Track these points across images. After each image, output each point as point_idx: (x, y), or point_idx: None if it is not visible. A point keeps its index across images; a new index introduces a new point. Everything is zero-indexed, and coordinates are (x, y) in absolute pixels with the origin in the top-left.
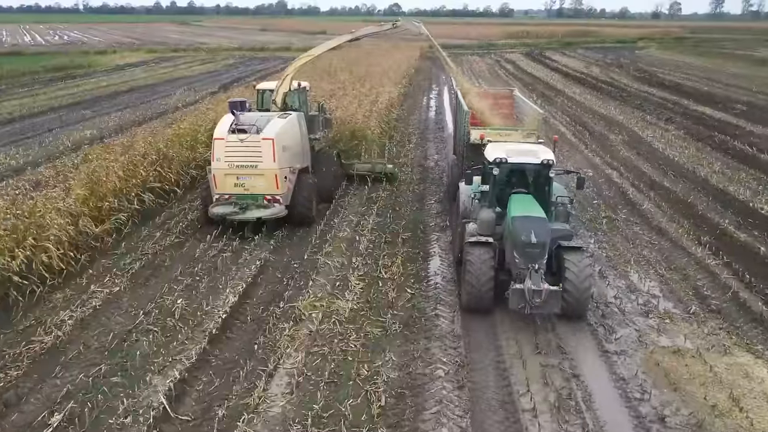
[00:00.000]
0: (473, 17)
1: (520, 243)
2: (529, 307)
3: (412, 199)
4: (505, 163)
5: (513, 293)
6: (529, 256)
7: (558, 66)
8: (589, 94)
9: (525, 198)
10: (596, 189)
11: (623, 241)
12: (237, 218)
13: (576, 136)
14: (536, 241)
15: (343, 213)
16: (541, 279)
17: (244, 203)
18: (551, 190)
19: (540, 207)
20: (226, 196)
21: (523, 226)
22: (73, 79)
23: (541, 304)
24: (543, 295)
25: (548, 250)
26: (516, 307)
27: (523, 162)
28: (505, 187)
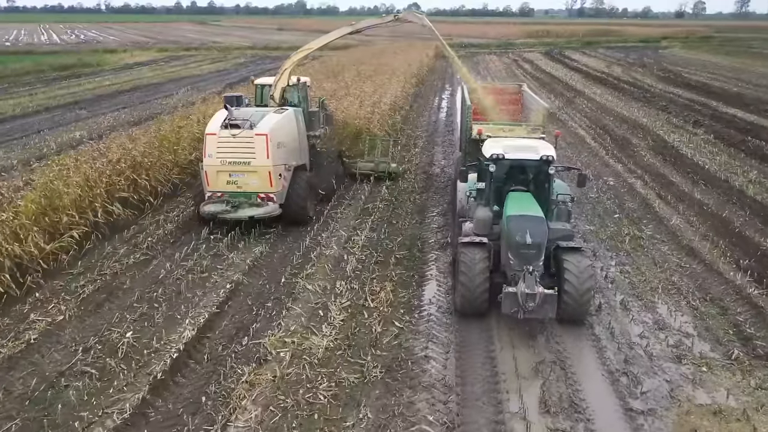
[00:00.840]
0: (493, 17)
1: (514, 243)
2: (522, 312)
3: (412, 211)
4: (503, 159)
5: (505, 297)
6: (523, 257)
7: (578, 65)
8: (610, 95)
9: (523, 196)
10: (618, 200)
11: (649, 264)
12: (228, 217)
13: (596, 140)
14: (531, 241)
15: (333, 226)
16: (536, 282)
17: (236, 201)
18: (552, 188)
19: (538, 205)
20: (218, 193)
21: (518, 226)
22: (78, 78)
23: (535, 308)
24: (537, 298)
25: (547, 251)
26: (509, 311)
27: (522, 158)
28: (503, 185)
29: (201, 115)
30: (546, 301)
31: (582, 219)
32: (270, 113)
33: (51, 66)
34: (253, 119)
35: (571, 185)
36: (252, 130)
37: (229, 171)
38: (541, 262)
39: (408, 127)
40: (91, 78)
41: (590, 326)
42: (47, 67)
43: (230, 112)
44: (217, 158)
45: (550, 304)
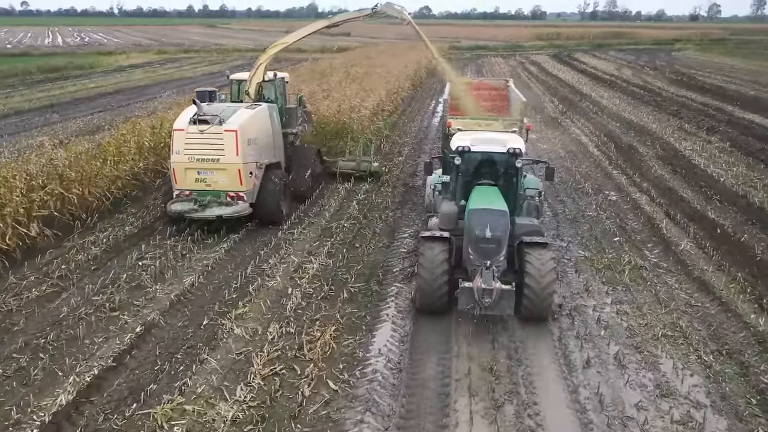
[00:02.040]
0: (504, 19)
1: (473, 237)
2: (479, 308)
3: (381, 231)
4: (468, 151)
5: (462, 292)
6: (483, 251)
7: (586, 68)
8: (618, 99)
9: (489, 190)
10: (619, 219)
11: (652, 303)
12: (195, 216)
13: (599, 149)
14: (491, 235)
15: (285, 251)
16: (493, 277)
17: (204, 200)
18: (520, 182)
19: (502, 200)
20: (186, 192)
21: (479, 220)
22: (65, 80)
23: (491, 304)
24: (494, 294)
25: (511, 247)
26: (465, 307)
27: (488, 151)
28: (471, 179)
29: (160, 121)
30: (503, 296)
31: (576, 242)
32: (241, 109)
33: (40, 68)
34: (223, 115)
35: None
36: (221, 126)
37: (198, 168)
38: (501, 257)
39: (396, 133)
40: (78, 80)
41: (575, 389)
42: (36, 69)
43: (199, 107)
44: (185, 155)
45: (507, 300)
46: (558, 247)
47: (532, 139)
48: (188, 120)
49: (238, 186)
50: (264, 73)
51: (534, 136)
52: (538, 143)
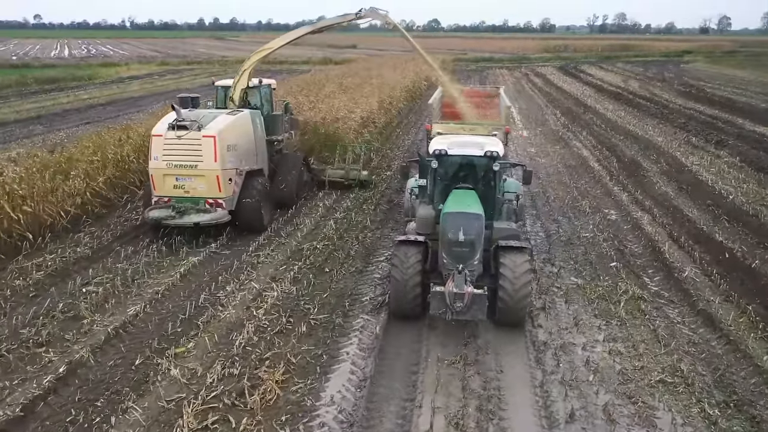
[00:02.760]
0: (513, 32)
1: (447, 241)
2: (450, 313)
3: (356, 254)
4: (445, 155)
5: (433, 296)
6: (456, 255)
7: (592, 80)
8: (623, 111)
9: (465, 194)
10: (618, 241)
11: (650, 341)
12: (172, 223)
13: (601, 163)
14: (464, 239)
15: (248, 275)
16: (465, 281)
17: (182, 207)
18: (498, 186)
19: (479, 203)
20: (165, 198)
21: (453, 223)
22: (60, 91)
23: (463, 309)
24: (465, 298)
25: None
26: (437, 312)
27: (465, 154)
28: (450, 183)
29: (127, 133)
30: (475, 301)
31: (568, 268)
32: (222, 115)
33: (36, 79)
34: (202, 120)
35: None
36: (199, 132)
37: (176, 174)
38: (475, 261)
39: (387, 146)
40: (73, 91)
41: None
42: (32, 80)
43: (178, 113)
44: (163, 161)
45: (479, 305)
46: (548, 274)
47: (530, 153)
48: (167, 125)
49: (216, 193)
50: (248, 79)
51: (533, 150)
52: (537, 158)
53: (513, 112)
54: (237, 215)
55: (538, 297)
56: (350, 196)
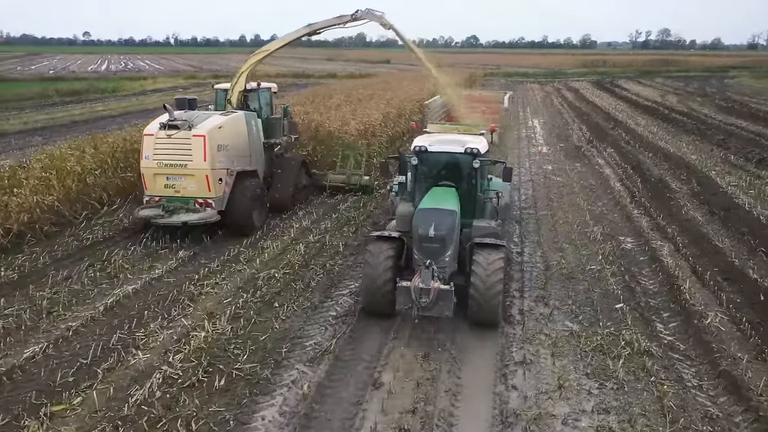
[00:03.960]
0: (552, 48)
1: (417, 236)
2: (416, 309)
3: (317, 286)
4: (425, 152)
5: (399, 292)
6: (426, 251)
7: (627, 95)
8: (657, 127)
9: (445, 191)
10: (629, 276)
11: (653, 412)
12: (161, 222)
13: (623, 183)
14: (434, 234)
15: (182, 309)
16: (432, 276)
17: (172, 206)
18: (479, 183)
19: (455, 200)
20: (156, 198)
21: (424, 219)
22: (79, 102)
23: (429, 305)
24: (431, 294)
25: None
26: (403, 307)
27: (445, 151)
28: (432, 181)
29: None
30: (441, 297)
31: (564, 309)
32: (215, 115)
33: (58, 91)
34: (194, 120)
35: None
36: (190, 131)
37: (167, 174)
38: (446, 257)
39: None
40: (91, 103)
41: None
42: (54, 92)
43: (170, 113)
44: (154, 160)
45: (445, 301)
46: (538, 316)
47: (546, 170)
48: (158, 125)
49: (206, 192)
50: (246, 81)
51: (549, 168)
52: (552, 176)
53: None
54: (226, 216)
55: (519, 347)
56: (332, 216)
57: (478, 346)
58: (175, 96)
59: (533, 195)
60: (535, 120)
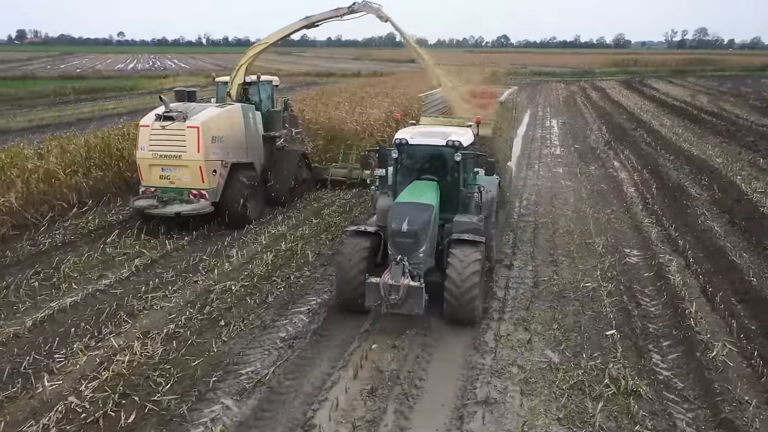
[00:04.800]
0: (584, 48)
1: (391, 231)
2: (385, 306)
3: (274, 302)
4: (406, 144)
5: (368, 288)
6: (399, 246)
7: (655, 94)
8: (682, 128)
9: (425, 185)
10: (628, 297)
11: None
12: (155, 212)
13: (637, 188)
14: (407, 229)
15: (116, 326)
16: (403, 273)
17: (166, 197)
18: (462, 177)
19: (433, 195)
20: (152, 188)
21: (399, 213)
22: (93, 101)
23: (398, 302)
24: (401, 291)
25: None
26: (372, 304)
27: (425, 143)
28: (414, 174)
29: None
30: (411, 294)
31: (547, 336)
32: (211, 107)
33: (76, 89)
34: (190, 112)
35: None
36: (184, 122)
37: (161, 165)
38: (420, 253)
39: None
40: (104, 101)
41: None
42: (71, 90)
43: (166, 104)
44: (149, 151)
45: (415, 299)
46: (515, 343)
47: (556, 174)
48: (154, 116)
49: (200, 184)
50: (245, 74)
51: (560, 171)
52: (561, 179)
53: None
54: (220, 207)
55: (486, 381)
56: (313, 221)
57: (438, 378)
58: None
59: (536, 200)
60: (554, 120)
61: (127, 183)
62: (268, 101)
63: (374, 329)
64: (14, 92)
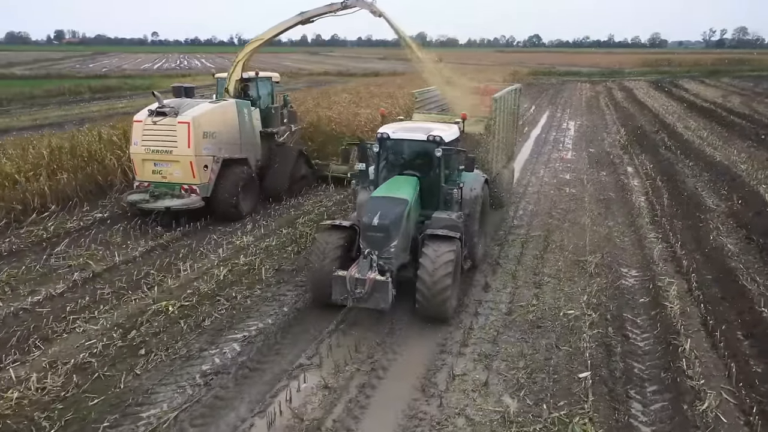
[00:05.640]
0: (618, 47)
1: (362, 225)
2: (351, 299)
3: (210, 326)
4: (387, 139)
5: (334, 281)
6: (370, 240)
7: (685, 95)
8: (708, 131)
9: (405, 180)
10: (614, 328)
11: None
12: (146, 207)
13: (648, 198)
14: (378, 223)
15: (21, 354)
16: (371, 267)
17: (158, 192)
18: (443, 173)
19: (409, 190)
20: (145, 183)
21: (371, 207)
22: (106, 99)
23: (364, 296)
24: (366, 285)
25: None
26: (339, 297)
27: (406, 138)
28: (398, 169)
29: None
30: (377, 288)
31: (509, 378)
32: (204, 103)
33: (91, 88)
34: (182, 108)
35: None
36: (175, 118)
37: (154, 160)
38: (392, 248)
39: None
40: (116, 100)
41: None
42: (87, 89)
43: (159, 100)
44: (142, 146)
45: (381, 293)
46: (469, 385)
47: (562, 180)
48: (147, 112)
49: (191, 179)
50: (242, 70)
51: (567, 177)
52: (566, 187)
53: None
54: (212, 203)
55: None
56: (283, 232)
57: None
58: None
59: (533, 210)
60: (572, 122)
61: (99, 186)
62: (268, 97)
63: (310, 364)
64: (29, 90)
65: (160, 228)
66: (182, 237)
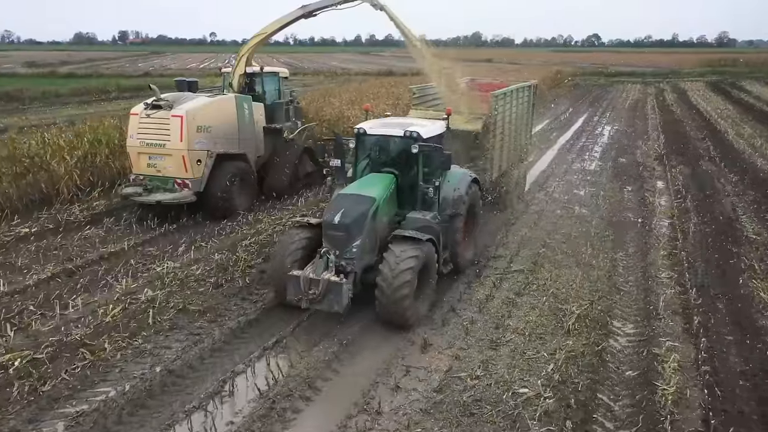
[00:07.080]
0: (681, 47)
1: (323, 223)
2: (305, 301)
3: (11, 420)
4: (364, 134)
5: (288, 281)
6: (331, 239)
7: (745, 97)
8: (764, 139)
9: (378, 177)
10: (580, 421)
11: None
12: (138, 200)
13: (672, 221)
14: (338, 221)
15: None
16: (326, 267)
17: (151, 185)
18: (421, 171)
19: (382, 187)
20: (141, 177)
21: (336, 205)
22: (129, 98)
23: (318, 297)
24: (320, 286)
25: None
26: (293, 298)
27: (382, 134)
28: (379, 166)
29: None
30: (330, 289)
31: None
32: (201, 97)
33: (120, 87)
34: (178, 101)
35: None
36: (168, 111)
37: (148, 153)
38: (354, 248)
39: None
40: (139, 99)
41: None
42: (114, 87)
43: (156, 93)
44: (137, 139)
45: (335, 295)
46: None
47: (572, 197)
48: (143, 105)
49: (183, 173)
50: (246, 64)
51: (581, 193)
52: (576, 205)
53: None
54: (204, 198)
55: None
56: (220, 256)
57: None
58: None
59: (525, 236)
60: (608, 127)
61: (45, 194)
62: (275, 93)
63: None
64: (54, 89)
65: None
66: (98, 260)
